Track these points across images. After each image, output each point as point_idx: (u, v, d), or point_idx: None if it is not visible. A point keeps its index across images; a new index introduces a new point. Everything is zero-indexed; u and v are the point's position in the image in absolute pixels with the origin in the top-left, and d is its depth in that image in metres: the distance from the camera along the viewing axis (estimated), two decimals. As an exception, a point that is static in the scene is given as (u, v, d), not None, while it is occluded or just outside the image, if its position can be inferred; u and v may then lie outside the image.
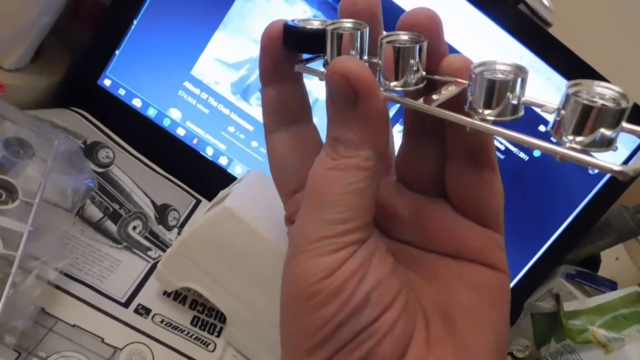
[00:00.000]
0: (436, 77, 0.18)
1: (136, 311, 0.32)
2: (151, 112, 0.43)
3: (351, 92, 0.16)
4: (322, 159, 0.18)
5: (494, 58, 0.16)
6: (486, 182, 0.19)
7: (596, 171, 0.40)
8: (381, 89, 0.17)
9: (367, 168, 0.17)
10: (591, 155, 0.14)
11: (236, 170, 0.43)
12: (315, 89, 0.37)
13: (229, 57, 0.41)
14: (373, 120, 0.17)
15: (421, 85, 0.17)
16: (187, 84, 0.42)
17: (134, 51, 0.42)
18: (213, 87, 0.42)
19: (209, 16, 0.40)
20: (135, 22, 0.41)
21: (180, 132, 0.43)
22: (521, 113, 0.16)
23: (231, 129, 0.43)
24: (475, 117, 0.16)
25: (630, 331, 0.38)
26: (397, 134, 0.37)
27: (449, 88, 0.17)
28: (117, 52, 0.42)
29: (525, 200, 0.41)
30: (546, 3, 0.44)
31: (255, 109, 0.42)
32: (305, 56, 0.20)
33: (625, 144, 0.40)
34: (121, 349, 0.29)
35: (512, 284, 0.44)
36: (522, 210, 0.42)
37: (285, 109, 0.21)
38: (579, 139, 0.14)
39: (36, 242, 0.27)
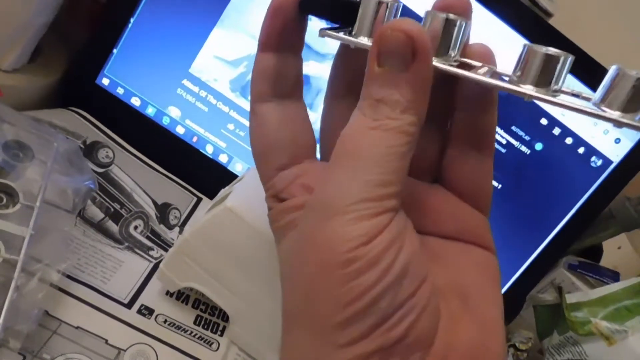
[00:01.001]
0: (469, 61, 0.18)
1: (139, 312, 0.32)
2: (150, 111, 0.43)
3: (410, 51, 0.16)
4: (359, 119, 0.17)
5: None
6: (486, 166, 0.20)
7: (599, 163, 0.40)
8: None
9: (410, 133, 0.17)
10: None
11: (237, 167, 0.43)
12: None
13: (227, 54, 0.41)
14: (423, 83, 0.17)
15: (455, 65, 0.17)
16: (185, 82, 0.41)
17: (131, 49, 0.41)
18: (212, 84, 0.41)
19: (206, 13, 0.40)
20: (132, 20, 0.40)
21: (179, 130, 0.43)
22: (560, 95, 0.16)
23: (231, 126, 0.42)
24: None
25: (634, 323, 0.38)
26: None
27: (480, 70, 0.17)
28: (114, 50, 0.41)
29: (528, 194, 0.41)
30: (547, -7, 0.44)
31: (254, 106, 0.42)
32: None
33: (627, 136, 0.40)
34: (125, 350, 0.29)
35: (515, 277, 0.44)
36: (525, 203, 0.41)
37: (281, 79, 0.20)
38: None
39: (38, 245, 0.27)
